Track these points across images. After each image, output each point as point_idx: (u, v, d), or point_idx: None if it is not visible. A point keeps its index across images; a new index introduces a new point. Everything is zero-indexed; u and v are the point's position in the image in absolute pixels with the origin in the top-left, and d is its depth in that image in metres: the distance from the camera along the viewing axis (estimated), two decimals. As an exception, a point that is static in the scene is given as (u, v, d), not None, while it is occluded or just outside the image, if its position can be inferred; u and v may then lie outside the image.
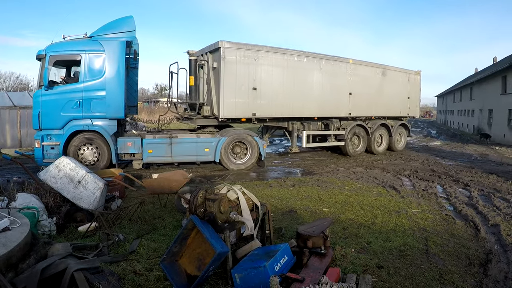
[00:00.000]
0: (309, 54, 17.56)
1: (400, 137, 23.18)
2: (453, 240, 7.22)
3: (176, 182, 8.75)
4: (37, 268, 4.50)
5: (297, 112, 17.46)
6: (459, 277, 5.62)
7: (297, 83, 17.05)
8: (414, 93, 23.59)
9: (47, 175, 7.80)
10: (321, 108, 18.22)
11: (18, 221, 5.18)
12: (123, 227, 7.68)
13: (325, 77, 18.14)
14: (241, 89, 15.29)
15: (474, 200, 10.43)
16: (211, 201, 5.31)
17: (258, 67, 15.68)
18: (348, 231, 7.62)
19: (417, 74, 23.69)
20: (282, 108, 16.78)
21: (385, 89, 21.23)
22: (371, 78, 20.44)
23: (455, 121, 53.98)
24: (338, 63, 18.77)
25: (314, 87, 17.76)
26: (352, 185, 12.19)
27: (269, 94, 16.10)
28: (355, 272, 5.42)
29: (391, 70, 21.80)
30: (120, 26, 13.54)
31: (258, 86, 15.68)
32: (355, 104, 19.64)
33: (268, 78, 16.03)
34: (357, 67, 19.69)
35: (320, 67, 17.90)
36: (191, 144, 14.75)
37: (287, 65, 16.68)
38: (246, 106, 15.57)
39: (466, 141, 30.05)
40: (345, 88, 19.13)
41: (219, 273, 5.40)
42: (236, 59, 15.04)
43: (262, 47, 15.82)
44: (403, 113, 23.03)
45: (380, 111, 21.42)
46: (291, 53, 16.83)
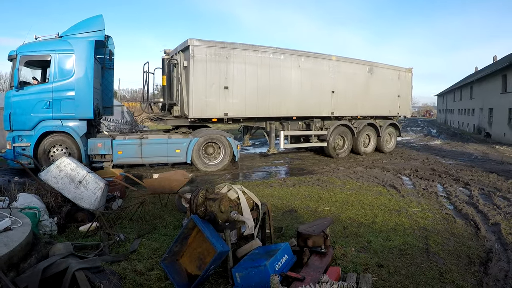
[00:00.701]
0: (286, 51, 17.03)
1: (389, 138, 22.41)
2: (453, 239, 7.23)
3: (176, 182, 8.76)
4: (38, 268, 4.52)
5: (273, 112, 16.88)
6: (459, 275, 5.63)
7: (273, 82, 16.50)
8: (405, 91, 22.82)
9: (48, 175, 7.82)
10: (300, 107, 17.65)
11: (20, 221, 5.20)
12: (124, 226, 7.71)
13: (304, 75, 17.54)
14: (211, 88, 14.88)
15: (475, 199, 10.43)
16: (211, 201, 5.32)
17: (230, 65, 15.25)
18: (349, 230, 7.64)
19: (409, 71, 22.93)
20: (257, 107, 16.25)
21: (372, 87, 20.53)
22: (356, 76, 19.79)
23: (455, 120, 54.01)
24: (319, 60, 18.13)
25: (292, 85, 17.18)
26: (352, 185, 12.20)
27: (242, 93, 15.69)
28: (355, 271, 5.44)
29: (379, 67, 21.04)
30: (90, 25, 13.31)
31: (230, 85, 15.28)
32: (338, 103, 18.98)
33: (241, 76, 15.58)
34: (341, 64, 19.01)
35: (299, 65, 17.32)
36: (162, 145, 14.45)
37: (262, 62, 16.14)
38: (217, 105, 15.17)
39: (467, 140, 30.05)
40: (327, 86, 18.51)
41: (220, 272, 5.42)
42: (206, 57, 14.64)
43: (234, 45, 15.40)
44: (393, 112, 22.28)
45: (367, 110, 20.68)
46: (266, 50, 16.29)
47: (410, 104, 24.00)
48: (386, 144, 21.95)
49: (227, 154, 15.31)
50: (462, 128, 46.56)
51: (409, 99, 23.41)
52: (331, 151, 19.10)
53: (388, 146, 22.09)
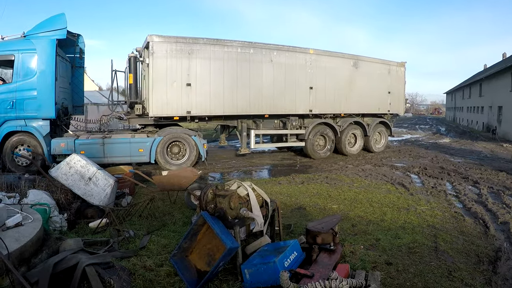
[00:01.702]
0: (257, 44, 16.17)
1: (379, 137, 21.32)
2: (462, 238, 7.21)
3: (185, 179, 8.80)
4: (49, 263, 4.57)
5: (242, 110, 16.03)
6: (468, 274, 5.61)
7: (242, 78, 15.73)
8: (397, 87, 21.43)
9: (58, 172, 7.88)
10: (273, 105, 16.70)
11: (31, 216, 5.26)
12: (133, 223, 7.75)
13: (277, 70, 16.60)
14: (172, 86, 14.34)
15: (484, 197, 10.40)
16: (221, 197, 5.34)
17: (193, 61, 14.60)
18: (357, 228, 7.64)
19: (401, 65, 21.52)
20: (223, 105, 15.51)
21: (357, 83, 19.29)
22: (339, 70, 18.56)
23: (464, 118, 53.73)
24: (294, 53, 17.11)
25: (263, 81, 16.27)
26: (361, 182, 12.20)
27: (206, 90, 14.99)
28: (364, 269, 5.44)
29: (366, 61, 19.79)
30: (52, 24, 13.00)
31: (192, 81, 14.63)
32: (317, 100, 17.90)
33: (205, 72, 14.91)
34: (320, 58, 17.86)
35: (271, 59, 16.39)
36: (125, 145, 14.03)
37: (229, 57, 15.41)
38: (179, 103, 14.56)
39: (475, 138, 29.89)
40: (305, 82, 17.47)
41: (229, 269, 5.43)
42: (167, 53, 14.15)
43: (197, 39, 14.74)
44: (383, 109, 20.96)
45: (352, 107, 19.38)
46: (233, 44, 15.55)
47: (403, 101, 22.74)
48: (375, 144, 21.00)
49: (192, 154, 14.91)
50: (471, 126, 46.29)
51: (401, 95, 22.11)
52: (310, 151, 18.18)
53: (377, 146, 21.12)
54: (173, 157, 14.91)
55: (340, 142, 19.03)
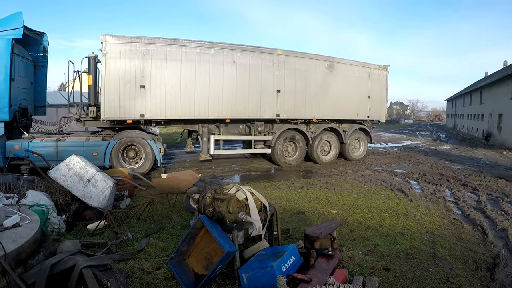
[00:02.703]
0: (218, 44, 15.26)
1: (358, 144, 20.26)
2: (460, 244, 7.21)
3: (185, 182, 8.80)
4: (46, 264, 4.55)
5: (200, 114, 15.16)
6: (466, 281, 5.61)
7: (200, 80, 14.92)
8: (378, 91, 20.14)
9: (57, 173, 7.87)
10: (235, 109, 15.76)
11: (28, 217, 5.25)
12: (132, 226, 7.74)
13: (241, 72, 15.68)
14: (125, 88, 13.66)
15: (483, 204, 10.40)
16: (220, 201, 5.34)
17: (148, 62, 13.91)
18: (356, 233, 7.64)
19: (383, 69, 20.22)
20: (179, 109, 14.69)
21: (333, 86, 18.14)
22: (311, 73, 17.43)
23: (464, 125, 53.74)
24: (260, 54, 16.09)
25: (224, 83, 15.39)
26: (360, 188, 12.20)
27: (161, 93, 14.27)
28: (362, 274, 5.44)
29: (342, 63, 18.57)
30: (8, 23, 12.63)
31: (147, 84, 13.94)
32: (286, 104, 16.85)
33: (160, 74, 14.18)
34: (289, 60, 16.81)
35: (234, 60, 15.49)
36: (78, 148, 13.31)
37: (187, 58, 14.57)
38: (132, 106, 13.89)
39: (475, 145, 29.89)
40: (271, 85, 16.43)
41: (227, 273, 5.43)
42: (120, 54, 13.51)
43: (153, 39, 14.02)
44: (362, 115, 19.68)
45: (326, 112, 18.18)
46: (191, 44, 14.68)
47: (385, 107, 21.30)
48: (353, 152, 19.97)
49: (148, 158, 14.42)
50: (471, 133, 46.29)
51: (383, 100, 20.72)
52: (277, 158, 17.26)
53: (355, 154, 20.06)
54: (129, 162, 14.45)
55: (312, 149, 18.24)
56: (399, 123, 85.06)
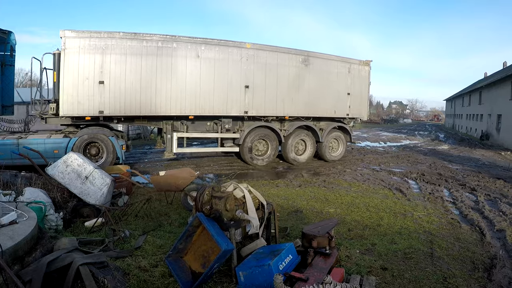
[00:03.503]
0: (181, 38, 14.63)
1: (336, 144, 19.38)
2: (458, 244, 7.21)
3: (183, 180, 8.78)
4: (43, 262, 4.54)
5: (161, 110, 14.56)
6: (463, 281, 5.61)
7: (162, 75, 14.33)
8: (359, 88, 19.20)
9: (55, 170, 7.86)
10: (199, 105, 15.05)
11: (26, 215, 5.23)
12: (129, 223, 7.75)
13: (206, 66, 15.00)
14: (84, 83, 13.22)
15: (481, 204, 10.39)
16: (217, 199, 5.33)
17: (107, 57, 13.46)
18: (354, 232, 7.64)
19: (365, 64, 19.30)
20: (140, 105, 14.15)
21: (308, 82, 17.28)
22: (283, 67, 16.60)
23: (463, 125, 53.75)
24: (227, 48, 15.40)
25: (188, 78, 14.73)
26: (358, 187, 12.20)
27: (120, 89, 13.74)
28: (359, 273, 5.43)
29: (319, 57, 17.64)
30: None
31: (106, 79, 13.48)
32: (255, 100, 16.09)
33: (119, 69, 13.68)
34: (259, 53, 16.03)
35: (198, 54, 14.82)
36: (39, 146, 12.90)
37: (147, 52, 14.04)
38: (91, 102, 13.42)
39: (474, 146, 29.89)
40: (239, 80, 15.71)
41: (224, 271, 5.43)
42: (79, 49, 13.08)
43: (112, 34, 13.52)
44: (340, 113, 18.65)
45: (300, 110, 17.29)
46: (153, 38, 14.17)
47: (367, 104, 20.12)
48: (331, 152, 19.08)
49: (110, 156, 14.04)
50: (470, 133, 46.29)
51: (364, 97, 19.70)
52: (246, 157, 16.60)
53: (333, 154, 19.17)
54: (92, 159, 13.68)
55: (286, 148, 17.55)
56: (398, 123, 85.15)
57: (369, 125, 64.80)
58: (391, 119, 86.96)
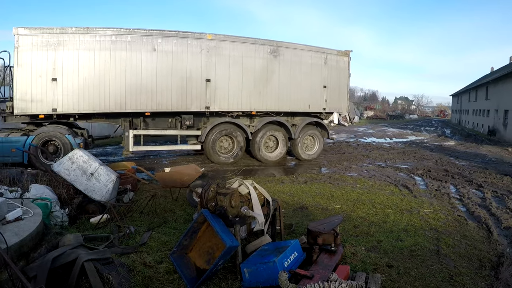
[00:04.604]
0: (136, 31, 14.00)
1: (312, 141, 18.22)
2: (464, 242, 7.17)
3: (188, 176, 8.79)
4: (48, 258, 4.55)
5: (115, 107, 13.97)
6: (469, 279, 5.58)
7: (116, 70, 13.77)
8: (337, 80, 17.95)
9: (60, 167, 7.88)
10: (155, 101, 14.45)
11: (31, 211, 5.25)
12: (135, 219, 7.75)
13: (163, 60, 14.36)
14: (37, 81, 12.89)
15: (487, 201, 10.34)
16: (222, 195, 5.32)
17: (60, 54, 13.06)
18: (359, 229, 7.61)
19: (343, 54, 18.05)
20: (93, 102, 13.64)
21: (277, 74, 16.34)
22: (249, 59, 15.74)
23: (469, 121, 53.51)
24: (185, 40, 14.63)
25: (143, 73, 14.12)
26: (364, 183, 12.16)
27: (73, 85, 13.30)
28: (364, 271, 5.41)
29: (290, 48, 16.65)
30: None
31: (58, 76, 13.06)
32: (217, 95, 15.33)
33: (72, 66, 13.23)
34: (222, 45, 15.25)
35: (154, 47, 14.21)
36: None
37: (101, 47, 13.53)
38: (44, 100, 13.07)
39: (481, 142, 29.76)
40: (199, 74, 14.94)
41: (228, 267, 5.42)
42: (32, 46, 12.78)
43: (65, 29, 13.09)
44: (316, 107, 17.58)
45: (269, 104, 16.38)
46: (106, 32, 13.60)
47: (346, 97, 18.76)
48: (305, 150, 17.99)
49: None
50: (476, 129, 46.10)
51: (344, 90, 18.41)
52: (210, 155, 15.84)
53: (308, 152, 18.03)
54: (52, 158, 13.29)
55: (254, 145, 16.60)
56: (403, 118, 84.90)
57: (375, 121, 64.73)
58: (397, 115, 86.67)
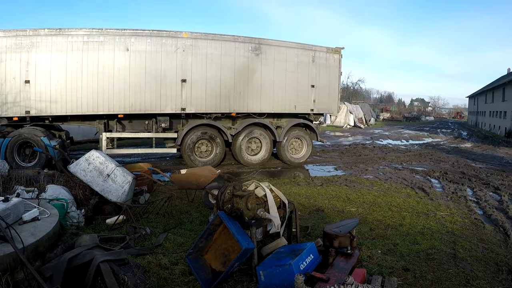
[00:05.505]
0: (108, 31, 13.62)
1: (299, 144, 17.31)
2: (481, 245, 7.10)
3: (204, 178, 8.80)
4: (64, 258, 4.59)
5: (88, 109, 13.62)
6: (486, 283, 5.52)
7: (88, 71, 13.45)
8: (327, 79, 17.06)
9: (77, 168, 7.95)
10: (128, 103, 13.97)
11: (48, 211, 5.28)
12: (150, 220, 7.77)
13: (136, 60, 13.92)
14: (11, 83, 12.82)
15: (505, 204, 10.23)
16: (238, 198, 5.32)
17: (33, 55, 12.89)
18: (375, 232, 7.57)
19: (334, 52, 17.13)
20: (66, 104, 13.34)
21: (259, 74, 15.64)
22: (229, 58, 15.10)
23: (486, 123, 53.05)
24: (160, 39, 14.16)
25: (115, 74, 13.73)
26: (380, 186, 12.10)
27: (46, 87, 13.11)
28: (381, 274, 5.38)
29: (273, 45, 15.88)
30: None
31: (31, 78, 12.92)
32: (194, 96, 14.71)
33: (45, 67, 13.04)
34: (199, 43, 14.62)
35: (127, 47, 13.78)
36: None
37: (73, 48, 13.23)
38: (18, 103, 12.99)
39: (498, 144, 29.46)
40: (174, 74, 14.39)
41: (244, 270, 5.42)
42: (6, 49, 12.69)
43: (38, 31, 12.92)
44: (302, 108, 16.75)
45: (251, 105, 15.72)
46: (78, 33, 13.28)
47: (337, 97, 17.73)
48: (292, 153, 17.15)
49: (42, 156, 13.29)
50: (493, 131, 45.69)
51: (334, 90, 17.45)
52: (187, 159, 15.09)
53: (295, 156, 17.16)
54: (24, 159, 13.48)
55: (235, 148, 16.00)
56: (420, 120, 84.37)
57: (390, 123, 64.43)
58: (413, 117, 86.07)
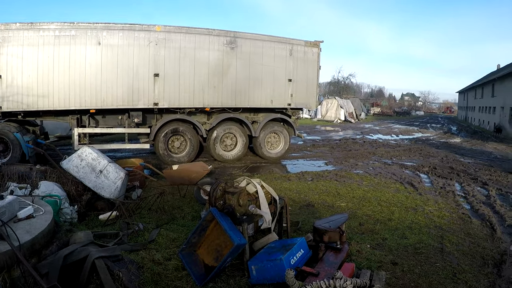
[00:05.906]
0: (80, 25, 13.29)
1: (276, 139, 17.05)
2: (468, 239, 7.23)
3: (196, 174, 8.86)
4: (59, 255, 4.65)
5: (59, 104, 13.32)
6: (472, 276, 5.64)
7: (60, 66, 13.16)
8: (305, 73, 16.75)
9: (69, 164, 7.98)
10: (99, 97, 13.67)
11: (42, 209, 5.35)
12: (143, 216, 7.83)
13: (108, 54, 13.61)
14: None
15: (492, 199, 10.37)
16: (230, 194, 5.41)
17: (4, 50, 12.69)
18: (365, 227, 7.68)
19: (312, 45, 16.82)
20: (37, 99, 13.13)
21: (234, 67, 15.34)
22: (203, 51, 14.77)
23: (476, 118, 53.31)
24: (132, 33, 13.80)
25: (87, 68, 13.42)
26: (370, 181, 12.21)
27: (17, 82, 12.91)
28: (369, 268, 5.48)
29: (249, 39, 15.57)
30: None
31: (3, 73, 12.70)
32: (167, 91, 14.42)
33: (16, 62, 12.83)
34: (172, 37, 14.31)
35: (99, 41, 13.46)
36: None
37: (44, 42, 12.97)
38: None
39: (486, 139, 29.66)
40: (147, 68, 14.10)
41: (236, 265, 5.51)
42: None
43: (9, 25, 12.69)
44: (279, 103, 16.45)
45: (225, 100, 15.42)
46: (50, 27, 12.98)
47: (316, 91, 17.36)
48: (269, 148, 16.89)
49: (16, 151, 13.07)
50: (482, 126, 45.92)
51: (312, 84, 17.13)
52: (160, 155, 14.89)
53: (272, 151, 16.90)
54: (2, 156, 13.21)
55: (209, 143, 15.71)
56: (410, 115, 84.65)
57: (381, 118, 64.60)
58: (403, 112, 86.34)
